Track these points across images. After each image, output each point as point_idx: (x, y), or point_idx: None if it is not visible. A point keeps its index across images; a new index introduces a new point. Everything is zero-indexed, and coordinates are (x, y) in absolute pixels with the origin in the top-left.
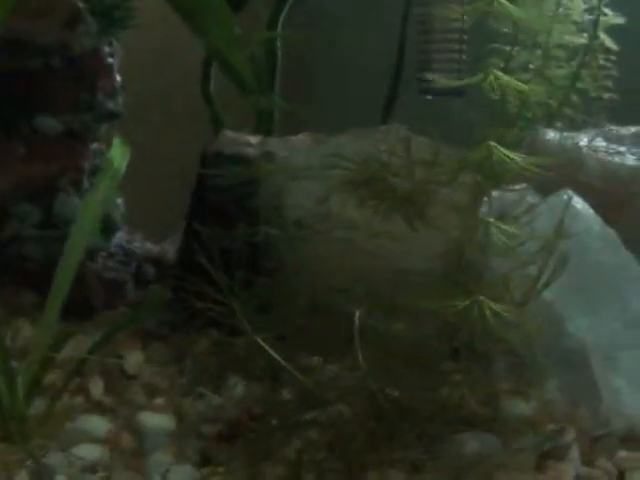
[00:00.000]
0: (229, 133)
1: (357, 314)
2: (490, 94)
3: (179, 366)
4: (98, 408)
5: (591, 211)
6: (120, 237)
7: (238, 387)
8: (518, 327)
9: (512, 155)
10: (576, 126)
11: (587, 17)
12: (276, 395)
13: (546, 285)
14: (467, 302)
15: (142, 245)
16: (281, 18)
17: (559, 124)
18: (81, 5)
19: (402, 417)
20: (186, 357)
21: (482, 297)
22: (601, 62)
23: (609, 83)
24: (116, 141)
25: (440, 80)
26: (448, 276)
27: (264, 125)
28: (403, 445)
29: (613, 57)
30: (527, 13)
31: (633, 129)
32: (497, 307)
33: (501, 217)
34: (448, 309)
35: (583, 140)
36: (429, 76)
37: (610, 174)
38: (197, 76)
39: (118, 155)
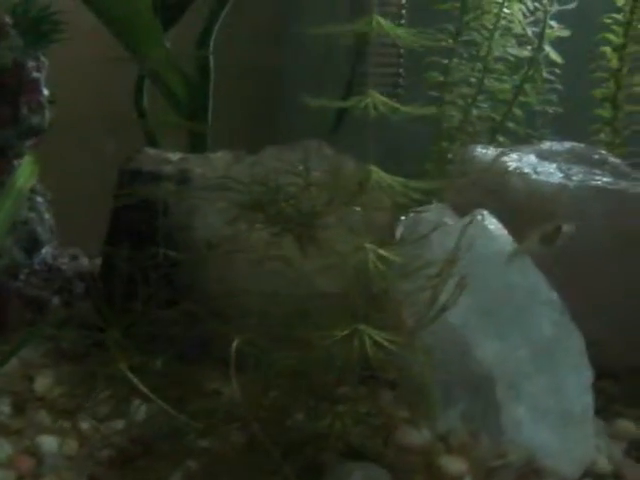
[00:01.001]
0: (150, 150)
1: (235, 341)
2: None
3: (88, 387)
4: (4, 430)
5: (504, 232)
6: (46, 253)
7: (143, 410)
8: (410, 354)
9: (392, 179)
10: (519, 140)
11: (532, 30)
12: (169, 421)
13: (442, 310)
14: (346, 331)
15: (74, 261)
16: (214, 32)
17: (501, 138)
18: (5, 19)
19: (282, 446)
20: (97, 378)
21: (363, 326)
22: (545, 75)
23: (553, 97)
24: (26, 159)
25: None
26: (348, 301)
27: (198, 141)
28: (284, 476)
29: (557, 70)
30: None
31: (568, 145)
32: (380, 335)
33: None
34: (328, 338)
35: (514, 157)
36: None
37: (534, 192)
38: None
39: (24, 174)
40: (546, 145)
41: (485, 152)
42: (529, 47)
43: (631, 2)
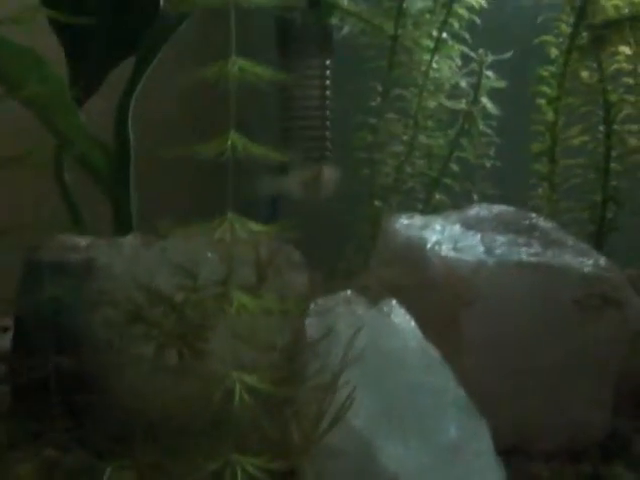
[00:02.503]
0: (60, 236)
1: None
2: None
3: None
4: None
5: (410, 325)
6: None
7: None
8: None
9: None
10: (457, 197)
11: (467, 80)
12: None
13: (334, 422)
14: (217, 464)
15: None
16: (133, 98)
17: (438, 196)
18: None
19: None
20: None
21: (236, 455)
22: (482, 128)
23: (491, 151)
24: None
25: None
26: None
27: (122, 221)
28: None
29: (494, 123)
30: None
31: (496, 210)
32: (256, 465)
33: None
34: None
35: (437, 228)
36: None
37: (452, 272)
38: None
39: None
40: (473, 211)
41: (408, 223)
42: (464, 100)
43: (564, 54)
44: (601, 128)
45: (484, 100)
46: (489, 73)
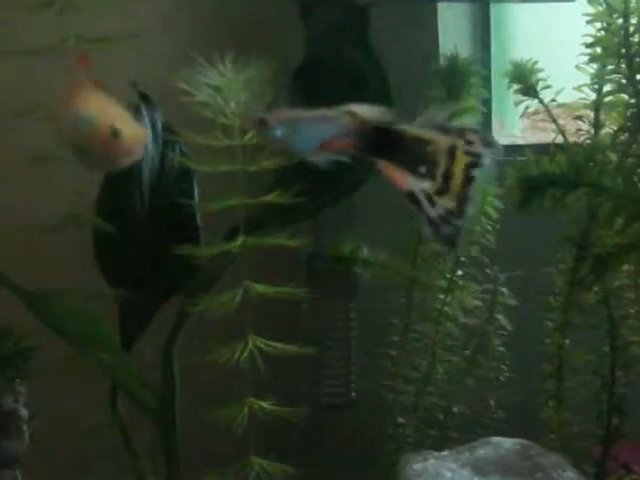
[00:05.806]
0: None
1: None
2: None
3: None
4: None
5: None
6: None
7: None
8: None
9: None
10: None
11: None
12: None
13: None
14: None
15: None
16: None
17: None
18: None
19: None
20: None
21: None
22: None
23: (504, 365)
24: None
25: None
26: None
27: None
28: None
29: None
30: None
31: (502, 450)
32: None
33: None
34: None
35: (447, 474)
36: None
37: None
38: None
39: None
40: (482, 451)
41: (420, 469)
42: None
43: (568, 284)
44: (607, 341)
45: (499, 317)
46: (504, 290)
